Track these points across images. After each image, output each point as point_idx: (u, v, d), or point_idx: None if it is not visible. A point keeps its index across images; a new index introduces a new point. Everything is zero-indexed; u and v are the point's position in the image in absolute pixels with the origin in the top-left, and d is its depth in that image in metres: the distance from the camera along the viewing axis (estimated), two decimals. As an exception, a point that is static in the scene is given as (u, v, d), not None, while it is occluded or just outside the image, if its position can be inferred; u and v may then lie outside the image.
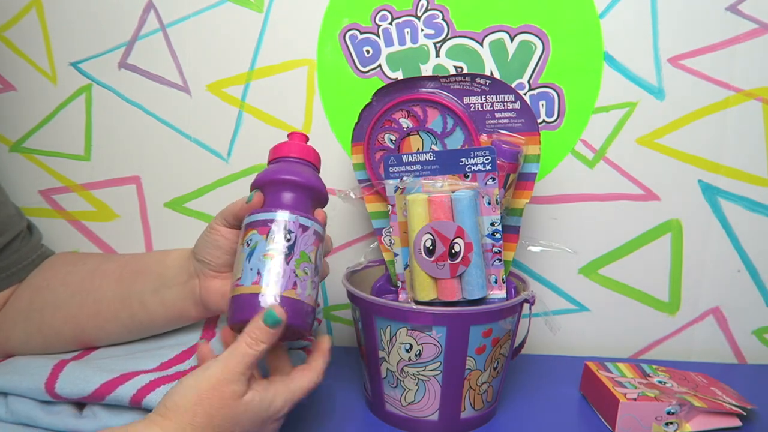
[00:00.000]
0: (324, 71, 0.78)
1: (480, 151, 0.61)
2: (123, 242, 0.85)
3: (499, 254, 0.63)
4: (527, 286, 0.67)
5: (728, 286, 0.81)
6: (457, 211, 0.61)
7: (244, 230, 0.56)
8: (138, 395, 0.55)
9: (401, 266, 0.64)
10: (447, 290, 0.61)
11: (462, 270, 0.60)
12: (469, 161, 0.61)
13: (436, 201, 0.61)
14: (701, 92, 0.76)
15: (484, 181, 0.61)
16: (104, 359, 0.62)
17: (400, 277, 0.65)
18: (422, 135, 0.66)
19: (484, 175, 0.61)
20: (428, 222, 0.61)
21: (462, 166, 0.61)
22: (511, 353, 0.66)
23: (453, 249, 0.60)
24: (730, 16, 0.74)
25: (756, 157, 0.78)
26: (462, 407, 0.62)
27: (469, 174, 0.61)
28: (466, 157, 0.61)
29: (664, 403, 0.62)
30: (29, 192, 0.84)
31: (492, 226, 0.62)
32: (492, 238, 0.62)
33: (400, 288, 0.65)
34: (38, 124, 0.82)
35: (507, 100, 0.64)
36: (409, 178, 0.63)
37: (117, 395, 0.56)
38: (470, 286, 0.61)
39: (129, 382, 0.56)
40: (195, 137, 0.81)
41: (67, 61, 0.80)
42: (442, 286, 0.61)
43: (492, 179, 0.61)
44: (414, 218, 0.62)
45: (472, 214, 0.61)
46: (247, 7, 0.77)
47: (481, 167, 0.61)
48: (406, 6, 0.75)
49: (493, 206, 0.62)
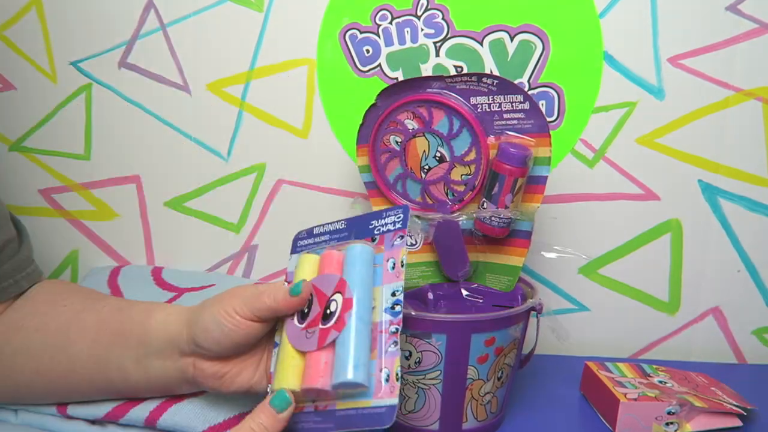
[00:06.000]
0: (324, 71, 0.78)
1: (393, 211, 0.52)
2: (123, 241, 0.85)
3: (395, 335, 0.46)
4: (535, 292, 0.64)
5: (728, 286, 0.81)
6: (346, 263, 0.49)
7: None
8: (151, 417, 0.56)
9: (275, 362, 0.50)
10: (311, 370, 0.46)
11: (333, 337, 0.46)
12: (379, 222, 0.52)
13: (326, 255, 0.51)
14: (701, 92, 0.76)
15: (391, 241, 0.50)
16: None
17: (272, 381, 0.49)
18: (428, 137, 0.65)
19: (392, 234, 0.51)
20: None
21: (371, 230, 0.52)
22: (517, 363, 0.64)
23: (328, 309, 0.47)
24: (730, 16, 0.74)
25: (756, 157, 0.78)
26: (464, 418, 0.61)
27: (376, 237, 0.51)
28: (378, 219, 0.52)
29: (665, 403, 0.62)
30: (29, 191, 0.84)
31: (393, 296, 0.48)
32: (390, 313, 0.47)
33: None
34: (38, 124, 0.82)
35: (515, 101, 0.62)
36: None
37: (130, 417, 0.56)
38: (338, 362, 0.45)
39: (140, 405, 0.57)
40: (195, 136, 0.81)
41: (67, 61, 0.80)
42: (307, 365, 0.46)
43: (400, 237, 0.50)
44: (298, 277, 0.51)
45: (363, 266, 0.49)
46: (247, 6, 0.77)
47: (391, 226, 0.51)
48: (405, 5, 0.75)
49: (397, 271, 0.48)
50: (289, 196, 0.82)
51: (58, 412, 0.59)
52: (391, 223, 0.51)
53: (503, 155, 0.62)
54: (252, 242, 0.83)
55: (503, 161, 0.62)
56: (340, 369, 0.44)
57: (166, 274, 0.81)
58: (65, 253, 0.86)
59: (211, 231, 0.83)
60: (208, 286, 0.78)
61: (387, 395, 0.44)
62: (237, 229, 0.83)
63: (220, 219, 0.83)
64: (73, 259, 0.86)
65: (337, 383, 0.44)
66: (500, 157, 0.62)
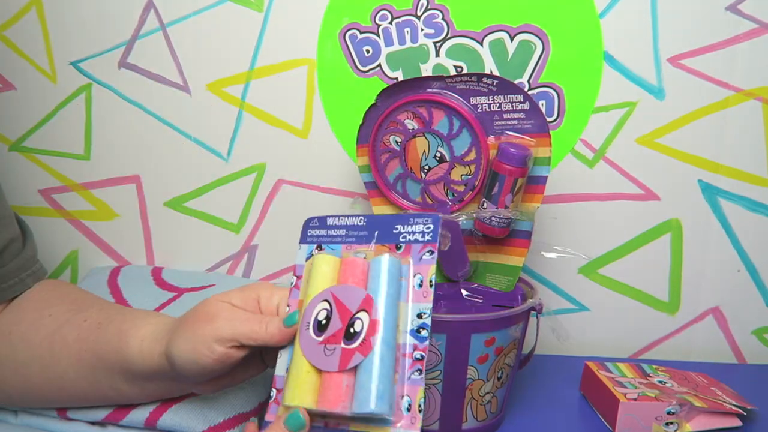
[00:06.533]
0: (324, 71, 0.78)
1: (421, 217, 0.48)
2: (123, 242, 0.85)
3: (421, 362, 0.43)
4: (535, 293, 0.64)
5: (728, 286, 0.81)
6: (371, 277, 0.45)
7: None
8: (151, 418, 0.56)
9: (283, 367, 0.46)
10: (329, 392, 0.43)
11: (357, 361, 0.42)
12: (405, 228, 0.48)
13: (347, 260, 0.47)
14: (701, 92, 0.76)
15: (419, 255, 0.46)
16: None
17: (277, 383, 0.46)
18: (428, 137, 0.65)
19: (421, 246, 0.47)
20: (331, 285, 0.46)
21: (395, 235, 0.48)
22: (517, 363, 0.64)
23: (352, 327, 0.43)
24: (730, 16, 0.74)
25: (756, 157, 0.78)
26: (464, 418, 0.61)
27: (402, 245, 0.47)
28: (403, 224, 0.48)
29: (665, 403, 0.62)
30: (29, 191, 0.84)
31: (419, 318, 0.44)
32: (416, 337, 0.44)
33: (271, 401, 0.46)
34: (38, 124, 0.82)
35: (515, 101, 0.62)
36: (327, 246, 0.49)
37: (131, 419, 0.57)
38: (361, 390, 0.42)
39: (140, 407, 0.57)
40: (195, 136, 0.81)
41: (66, 61, 0.80)
42: (323, 386, 0.43)
43: (430, 252, 0.46)
44: (314, 281, 0.46)
45: (391, 283, 0.45)
46: (247, 6, 0.77)
47: (419, 237, 0.47)
48: (405, 5, 0.75)
49: (425, 290, 0.45)
50: (289, 196, 0.82)
51: (57, 415, 0.59)
52: (420, 233, 0.47)
53: (503, 155, 0.62)
54: (252, 242, 0.83)
55: (503, 161, 0.62)
56: (362, 397, 0.42)
57: (166, 274, 0.81)
58: (65, 253, 0.86)
59: (211, 231, 0.83)
60: (208, 286, 0.78)
61: (408, 426, 0.42)
62: (237, 229, 0.83)
63: (220, 219, 0.83)
64: (73, 259, 0.86)
65: (359, 412, 0.42)
66: (500, 157, 0.62)
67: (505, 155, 0.61)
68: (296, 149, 0.80)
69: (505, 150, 0.61)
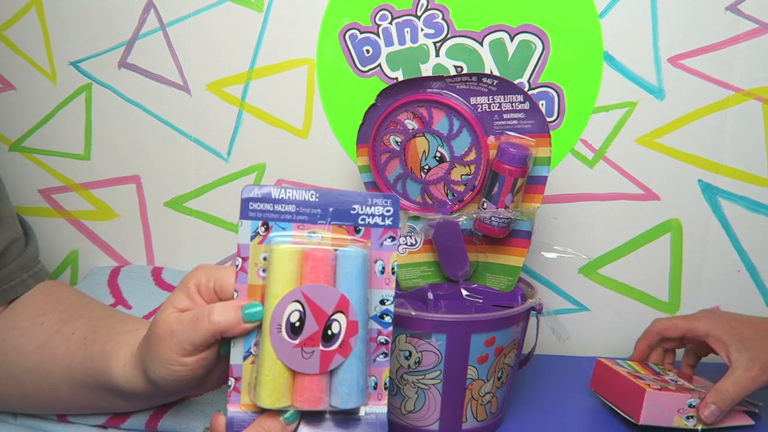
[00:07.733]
0: (324, 71, 0.78)
1: (380, 198, 0.46)
2: (123, 242, 0.85)
3: (386, 345, 0.45)
4: (535, 292, 0.64)
5: (728, 286, 0.81)
6: (342, 274, 0.44)
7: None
8: (152, 420, 0.56)
9: (239, 356, 0.44)
10: (307, 392, 0.43)
11: (338, 363, 0.43)
12: (363, 210, 0.46)
13: (315, 256, 0.44)
14: (701, 92, 0.76)
15: (379, 240, 0.45)
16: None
17: (235, 372, 0.44)
18: (428, 137, 0.65)
19: (382, 231, 0.45)
20: (299, 285, 0.43)
21: (353, 215, 0.45)
22: (517, 363, 0.64)
23: (329, 329, 0.43)
24: (730, 16, 0.74)
25: (756, 157, 0.78)
26: (464, 417, 0.61)
27: (361, 228, 0.45)
28: (361, 204, 0.46)
29: (687, 395, 0.62)
30: (29, 191, 0.84)
31: (382, 305, 0.45)
32: (379, 322, 0.45)
33: (230, 389, 0.44)
34: (38, 124, 0.82)
35: (515, 101, 0.62)
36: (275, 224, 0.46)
37: (131, 422, 0.57)
38: (344, 387, 0.43)
39: (139, 411, 0.57)
40: (195, 137, 0.81)
41: (66, 61, 0.80)
42: (300, 386, 0.43)
43: (391, 239, 0.45)
44: (278, 278, 0.44)
45: (362, 281, 0.44)
46: (247, 6, 0.77)
47: (379, 220, 0.45)
48: (405, 5, 0.75)
49: (386, 277, 0.45)
50: (289, 196, 0.82)
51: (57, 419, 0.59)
52: (380, 216, 0.45)
53: (503, 155, 0.62)
54: (252, 242, 0.83)
55: (503, 161, 0.62)
56: (344, 393, 0.43)
57: (166, 274, 0.81)
58: (65, 253, 0.86)
59: (211, 231, 0.83)
60: (208, 286, 0.78)
61: (375, 403, 0.45)
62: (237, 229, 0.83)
63: (220, 219, 0.83)
64: (73, 259, 0.86)
65: (343, 408, 0.44)
66: (500, 157, 0.62)
67: (505, 155, 0.61)
68: (296, 149, 0.80)
69: (505, 150, 0.61)
